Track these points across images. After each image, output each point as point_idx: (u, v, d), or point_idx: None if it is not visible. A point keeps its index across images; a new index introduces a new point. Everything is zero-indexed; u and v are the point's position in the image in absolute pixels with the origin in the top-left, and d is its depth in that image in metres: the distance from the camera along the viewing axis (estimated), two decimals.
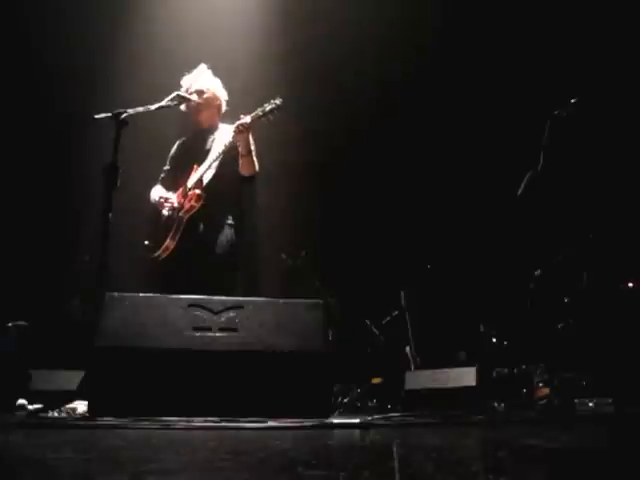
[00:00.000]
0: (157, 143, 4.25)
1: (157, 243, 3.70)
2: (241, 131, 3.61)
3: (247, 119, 3.61)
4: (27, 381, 3.74)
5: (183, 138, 4.02)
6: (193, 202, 3.66)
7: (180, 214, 3.68)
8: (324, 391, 3.01)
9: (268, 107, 3.64)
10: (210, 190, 3.70)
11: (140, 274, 4.07)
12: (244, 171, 3.75)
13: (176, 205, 3.71)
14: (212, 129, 3.92)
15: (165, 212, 3.76)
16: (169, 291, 3.21)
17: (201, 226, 3.72)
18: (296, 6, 5.73)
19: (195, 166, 3.76)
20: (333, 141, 5.87)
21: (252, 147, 3.69)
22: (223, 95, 3.96)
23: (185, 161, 3.87)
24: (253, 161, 3.72)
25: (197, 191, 3.67)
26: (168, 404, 2.74)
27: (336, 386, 4.63)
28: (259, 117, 3.63)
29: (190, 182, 3.71)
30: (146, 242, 3.76)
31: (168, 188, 3.87)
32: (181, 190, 3.75)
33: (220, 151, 3.69)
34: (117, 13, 5.51)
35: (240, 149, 3.67)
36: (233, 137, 3.64)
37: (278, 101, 3.66)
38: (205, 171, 3.69)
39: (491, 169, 5.44)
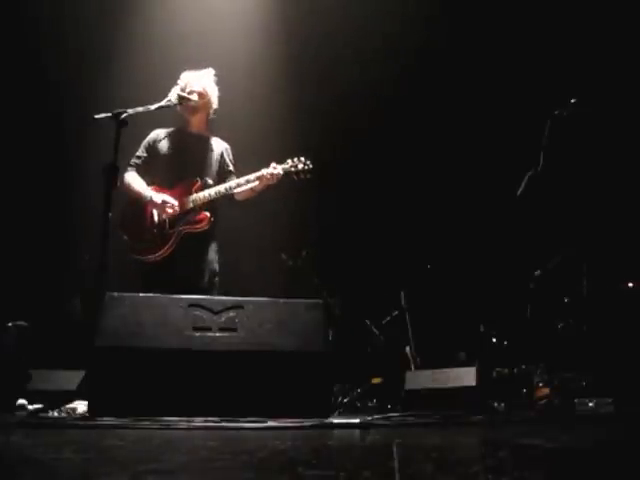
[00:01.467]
0: None
1: (147, 245, 3.63)
2: (268, 180, 3.64)
3: (279, 171, 3.65)
4: (27, 381, 3.74)
5: (163, 130, 3.90)
6: (205, 224, 3.67)
7: (181, 228, 3.65)
8: (324, 391, 3.01)
9: (301, 166, 3.69)
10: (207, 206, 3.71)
11: (140, 275, 4.06)
12: (240, 197, 3.77)
13: (177, 213, 3.67)
14: (202, 136, 3.87)
15: (156, 217, 3.67)
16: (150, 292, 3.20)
17: (192, 239, 3.69)
18: (295, 6, 5.73)
19: (198, 181, 3.71)
20: (333, 141, 5.87)
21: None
22: (215, 103, 3.91)
23: (169, 159, 3.79)
24: (254, 193, 3.75)
25: (208, 214, 3.67)
26: (168, 404, 2.74)
27: (336, 386, 4.63)
28: (288, 173, 3.68)
29: (197, 199, 3.65)
30: (125, 237, 3.67)
31: (142, 176, 3.79)
32: (181, 200, 3.67)
33: (236, 185, 3.67)
34: (117, 13, 5.51)
35: (255, 186, 3.68)
36: (257, 178, 3.65)
37: (310, 164, 3.70)
38: (215, 197, 3.66)
39: (491, 169, 5.44)
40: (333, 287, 5.43)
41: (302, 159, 3.71)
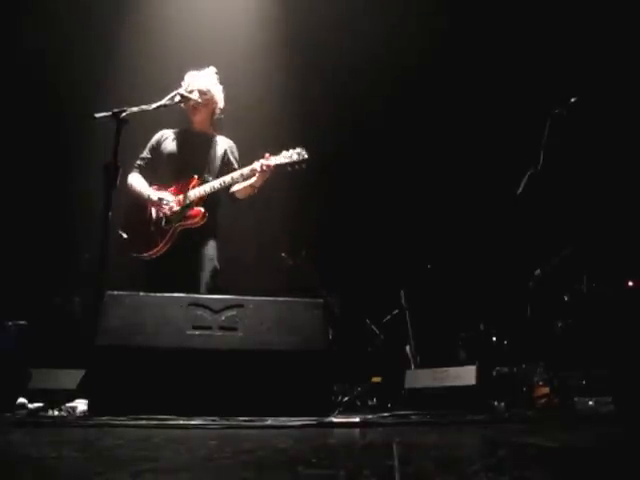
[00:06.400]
0: None
1: (144, 242, 3.65)
2: (263, 172, 3.63)
3: (271, 162, 3.61)
4: (27, 380, 3.74)
5: (169, 130, 3.94)
6: (198, 219, 3.67)
7: (176, 224, 3.66)
8: (324, 390, 3.01)
9: (296, 157, 3.63)
10: (205, 203, 3.71)
11: (140, 273, 4.06)
12: (240, 195, 3.78)
13: (174, 210, 3.67)
14: (206, 135, 3.89)
15: (154, 214, 3.70)
16: (153, 291, 3.20)
17: (191, 235, 3.71)
18: (296, 7, 5.73)
19: (196, 178, 3.72)
20: (334, 140, 5.87)
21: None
22: (220, 102, 3.93)
23: (172, 158, 3.81)
24: (254, 190, 3.74)
25: (202, 209, 3.67)
26: (168, 403, 2.74)
27: (336, 385, 4.63)
28: (284, 164, 3.63)
29: (192, 195, 3.67)
30: (124, 235, 3.69)
31: (146, 177, 3.82)
32: (179, 198, 3.70)
33: (230, 179, 3.66)
34: (117, 12, 5.52)
35: (253, 182, 3.68)
36: (251, 171, 3.65)
37: (305, 154, 3.64)
38: (211, 192, 3.67)
39: (491, 169, 5.44)
40: (333, 286, 5.44)
41: (297, 150, 3.65)
